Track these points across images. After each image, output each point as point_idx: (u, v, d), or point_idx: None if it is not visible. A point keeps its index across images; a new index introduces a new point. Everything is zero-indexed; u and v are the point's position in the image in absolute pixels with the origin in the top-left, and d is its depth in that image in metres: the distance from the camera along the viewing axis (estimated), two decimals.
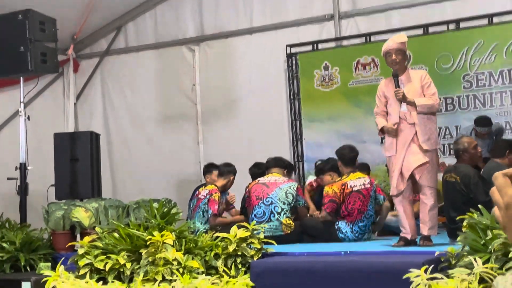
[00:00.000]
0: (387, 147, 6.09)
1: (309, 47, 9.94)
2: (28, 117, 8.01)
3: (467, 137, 6.92)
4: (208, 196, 7.73)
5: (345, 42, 9.90)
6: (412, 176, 5.95)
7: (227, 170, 8.03)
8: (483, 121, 8.05)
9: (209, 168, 8.57)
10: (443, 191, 6.68)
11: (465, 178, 6.25)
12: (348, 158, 7.24)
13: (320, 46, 9.91)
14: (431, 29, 9.18)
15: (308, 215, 7.69)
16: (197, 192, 8.06)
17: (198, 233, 6.43)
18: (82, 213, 7.22)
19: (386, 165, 7.46)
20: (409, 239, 5.99)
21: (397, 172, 5.96)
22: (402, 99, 5.94)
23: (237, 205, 8.39)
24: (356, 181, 7.13)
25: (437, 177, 6.25)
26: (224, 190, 8.06)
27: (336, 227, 7.10)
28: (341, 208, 7.09)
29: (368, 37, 9.56)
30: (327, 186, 7.44)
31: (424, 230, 5.94)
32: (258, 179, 7.62)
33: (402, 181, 5.96)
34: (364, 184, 7.13)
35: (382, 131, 6.12)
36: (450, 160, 8.65)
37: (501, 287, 0.88)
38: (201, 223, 7.70)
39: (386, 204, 7.21)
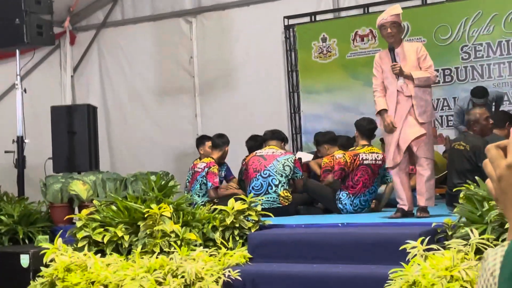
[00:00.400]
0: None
1: (307, 19, 9.87)
2: (25, 90, 7.97)
3: (480, 108, 6.84)
4: (206, 169, 7.72)
5: (343, 14, 9.83)
6: (409, 148, 5.95)
7: (222, 141, 8.00)
8: (479, 92, 8.01)
9: (201, 140, 8.54)
10: (449, 159, 6.63)
11: (475, 147, 6.20)
12: (365, 129, 7.17)
13: (318, 17, 9.84)
14: (429, 0, 9.11)
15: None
16: (192, 165, 8.04)
17: (195, 205, 6.44)
18: (80, 186, 7.23)
19: (381, 139, 7.44)
20: (406, 210, 6.00)
21: (393, 144, 5.95)
22: (399, 73, 5.91)
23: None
24: (369, 155, 7.10)
25: (433, 148, 6.24)
26: (220, 161, 8.04)
27: (336, 197, 7.11)
28: (347, 178, 7.08)
29: (366, 8, 9.49)
30: (325, 157, 7.46)
31: (421, 201, 5.94)
32: (256, 151, 7.62)
33: (398, 153, 5.95)
34: (375, 160, 7.10)
35: (380, 113, 6.07)
36: (448, 132, 8.65)
37: (491, 259, 0.87)
38: (199, 196, 7.71)
39: (391, 185, 7.15)
